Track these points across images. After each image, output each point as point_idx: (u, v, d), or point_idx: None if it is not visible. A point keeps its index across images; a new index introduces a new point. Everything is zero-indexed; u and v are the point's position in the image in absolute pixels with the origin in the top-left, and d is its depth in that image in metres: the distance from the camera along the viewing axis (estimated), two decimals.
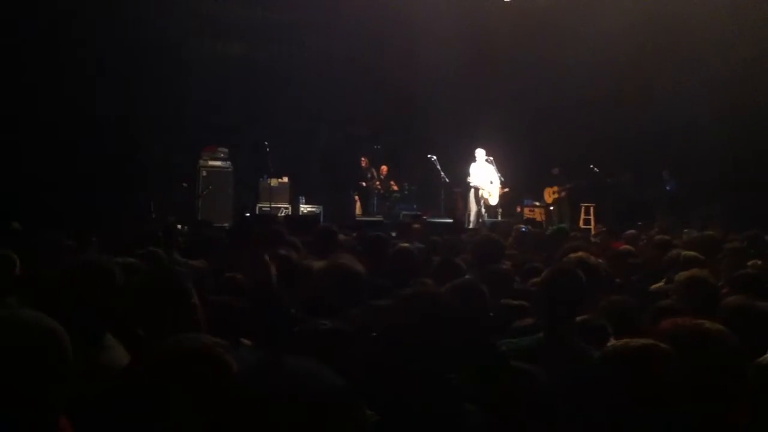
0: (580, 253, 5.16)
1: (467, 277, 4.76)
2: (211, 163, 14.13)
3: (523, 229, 9.52)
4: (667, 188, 15.96)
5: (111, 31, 13.01)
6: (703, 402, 2.29)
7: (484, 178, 14.90)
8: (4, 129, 11.71)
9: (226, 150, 14.31)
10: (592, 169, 16.08)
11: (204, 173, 13.98)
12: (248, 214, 13.06)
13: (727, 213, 13.87)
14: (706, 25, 14.90)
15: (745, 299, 3.48)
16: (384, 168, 16.46)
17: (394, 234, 8.92)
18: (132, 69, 13.28)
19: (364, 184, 16.04)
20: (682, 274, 4.20)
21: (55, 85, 12.30)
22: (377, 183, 16.14)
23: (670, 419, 2.28)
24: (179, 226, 9.69)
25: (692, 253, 5.77)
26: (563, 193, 16.33)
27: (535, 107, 16.18)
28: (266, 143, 13.62)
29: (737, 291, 4.07)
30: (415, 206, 16.01)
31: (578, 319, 3.57)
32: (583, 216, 16.16)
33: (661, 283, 5.64)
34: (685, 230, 9.44)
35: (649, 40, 15.42)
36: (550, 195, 16.49)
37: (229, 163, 14.23)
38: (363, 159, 16.20)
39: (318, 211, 14.52)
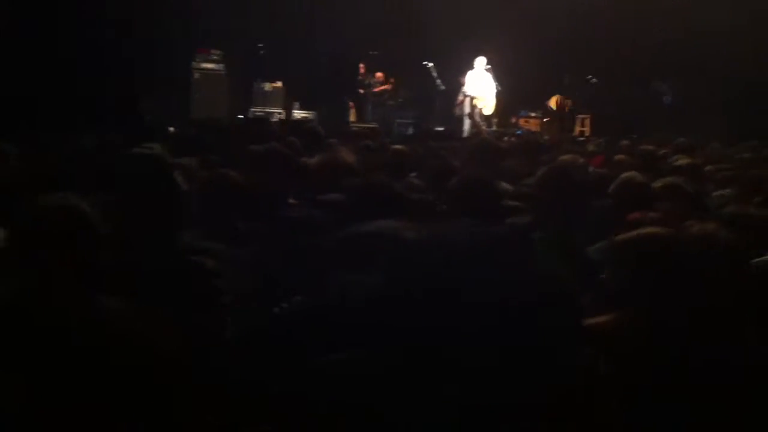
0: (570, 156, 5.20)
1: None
2: (204, 65, 13.90)
3: (519, 132, 9.47)
4: (665, 100, 15.84)
5: None
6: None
7: (480, 87, 14.73)
8: None
9: (219, 52, 14.04)
10: (590, 79, 15.90)
11: (197, 75, 13.76)
12: (241, 117, 12.98)
13: (731, 126, 13.79)
14: None
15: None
16: (379, 74, 16.21)
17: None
18: None
19: (361, 90, 15.85)
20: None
21: None
22: (373, 90, 15.94)
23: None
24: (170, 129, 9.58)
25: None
26: (570, 102, 16.08)
27: (536, 17, 15.83)
28: (260, 46, 13.35)
29: None
30: (411, 114, 15.87)
31: None
32: (579, 128, 16.08)
33: None
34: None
35: None
36: (557, 102, 16.24)
37: (222, 65, 14.00)
38: (361, 65, 15.95)
39: (312, 117, 14.39)
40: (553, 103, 16.22)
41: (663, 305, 2.33)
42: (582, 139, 14.38)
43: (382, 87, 16.11)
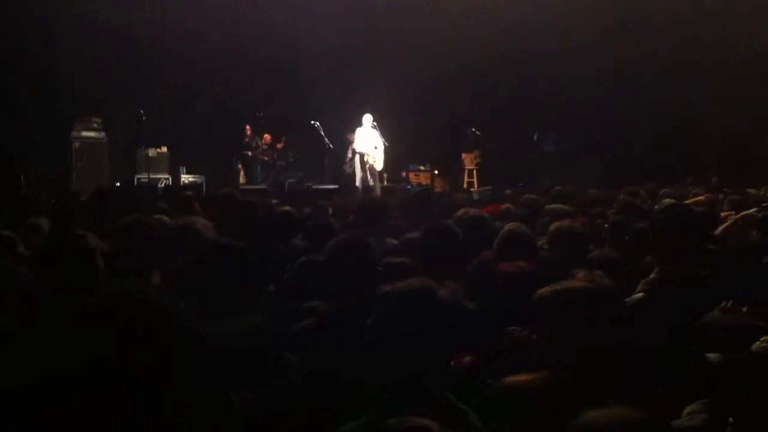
0: (463, 210, 5.24)
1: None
2: (84, 133, 13.51)
3: (408, 188, 9.57)
4: (546, 149, 16.43)
5: None
6: None
7: (369, 143, 14.88)
8: None
9: (99, 120, 13.69)
10: (474, 132, 16.34)
11: (77, 144, 13.35)
12: (117, 184, 12.66)
13: (606, 170, 14.47)
14: None
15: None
16: (267, 136, 16.19)
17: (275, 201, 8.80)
18: None
19: (249, 153, 15.74)
20: (554, 225, 4.30)
21: None
22: (261, 152, 15.87)
23: None
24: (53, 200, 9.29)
25: (559, 205, 5.96)
26: (480, 159, 16.36)
27: (417, 73, 16.23)
28: (142, 111, 13.08)
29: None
30: (300, 173, 15.85)
31: None
32: (466, 179, 16.44)
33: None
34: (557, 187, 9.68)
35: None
36: (471, 160, 16.50)
37: (103, 133, 13.64)
38: (247, 127, 15.88)
39: (200, 181, 14.15)
40: (468, 161, 16.50)
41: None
42: (471, 189, 14.72)
43: (278, 145, 16.15)
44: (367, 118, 14.78)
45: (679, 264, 3.36)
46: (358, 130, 14.85)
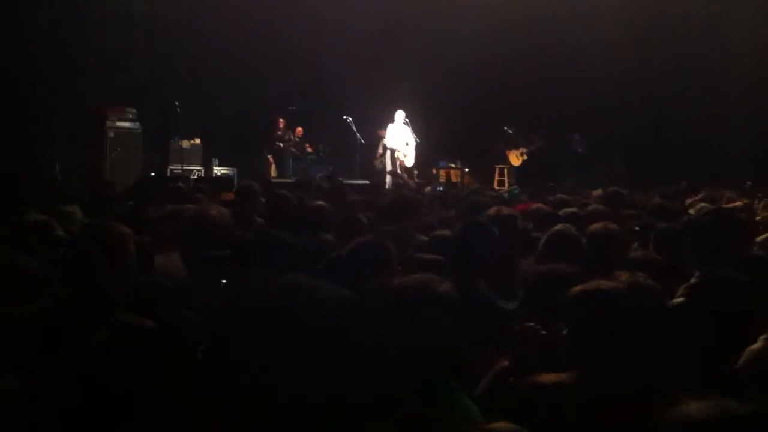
0: (495, 208, 5.19)
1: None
2: (119, 124, 13.62)
3: (439, 189, 9.54)
4: (578, 150, 16.30)
5: None
6: None
7: (400, 139, 14.87)
8: None
9: (134, 110, 13.78)
10: (506, 130, 16.27)
11: (111, 134, 13.46)
12: (152, 174, 12.75)
13: (631, 171, 14.38)
14: None
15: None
16: (299, 129, 16.23)
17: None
18: (26, 25, 12.61)
19: (281, 145, 15.79)
20: (593, 226, 4.23)
21: None
22: (292, 145, 15.91)
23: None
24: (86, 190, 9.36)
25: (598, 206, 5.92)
26: (525, 156, 16.28)
27: (449, 70, 16.18)
28: (176, 103, 13.17)
29: None
30: (330, 168, 15.87)
31: None
32: (497, 177, 16.36)
33: None
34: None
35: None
36: (516, 157, 16.43)
37: (138, 124, 13.74)
38: (280, 120, 15.93)
39: (232, 173, 14.23)
40: (513, 157, 16.41)
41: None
42: (501, 188, 14.65)
43: (307, 145, 16.20)
44: (400, 114, 14.76)
45: (720, 268, 3.31)
46: (390, 126, 14.84)
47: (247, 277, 3.13)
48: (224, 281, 3.29)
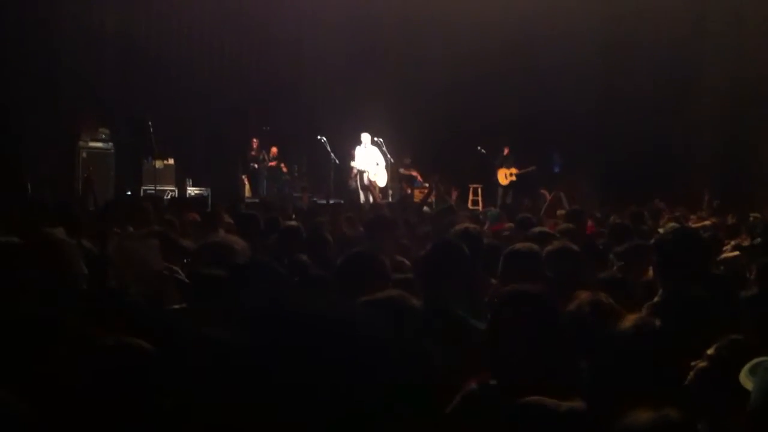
0: (464, 225, 5.26)
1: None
2: (92, 144, 13.55)
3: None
4: (555, 169, 16.49)
5: None
6: None
7: (370, 160, 15.02)
8: None
9: (107, 130, 13.73)
10: (480, 150, 16.40)
11: (84, 155, 13.39)
12: (129, 193, 12.69)
13: (608, 190, 14.53)
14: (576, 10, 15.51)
15: None
16: (274, 149, 16.24)
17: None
18: None
19: (255, 165, 15.80)
20: (550, 246, 4.32)
21: None
22: (267, 165, 15.93)
23: None
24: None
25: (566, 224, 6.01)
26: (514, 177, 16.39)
27: (424, 90, 16.31)
28: (150, 122, 13.13)
29: None
30: (304, 187, 15.89)
31: None
32: (471, 197, 16.46)
33: None
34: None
35: (527, 22, 15.90)
36: (505, 177, 16.53)
37: (110, 144, 13.68)
38: (254, 140, 15.94)
39: (206, 194, 14.19)
40: (501, 176, 16.50)
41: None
42: (475, 207, 14.74)
43: (280, 163, 16.21)
44: (365, 137, 14.96)
45: (684, 287, 3.37)
46: (358, 148, 15.01)
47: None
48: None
